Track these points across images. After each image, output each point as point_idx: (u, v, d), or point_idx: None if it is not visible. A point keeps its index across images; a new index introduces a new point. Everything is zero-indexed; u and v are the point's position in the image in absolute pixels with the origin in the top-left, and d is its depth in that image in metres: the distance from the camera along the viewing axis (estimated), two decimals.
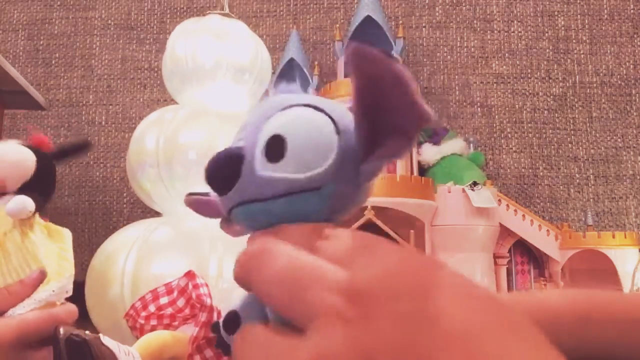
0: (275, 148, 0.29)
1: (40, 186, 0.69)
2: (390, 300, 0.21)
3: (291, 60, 1.83)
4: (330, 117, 0.31)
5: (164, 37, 2.01)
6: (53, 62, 2.07)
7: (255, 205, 0.30)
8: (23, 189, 0.68)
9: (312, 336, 0.21)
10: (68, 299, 0.62)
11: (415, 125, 0.28)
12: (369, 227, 1.37)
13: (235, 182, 0.30)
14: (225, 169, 0.30)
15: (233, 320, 0.34)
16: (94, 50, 2.07)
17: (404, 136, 0.29)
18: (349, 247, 0.25)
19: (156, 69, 2.02)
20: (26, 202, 0.61)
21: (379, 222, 1.36)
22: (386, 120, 0.28)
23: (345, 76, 1.71)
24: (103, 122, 2.03)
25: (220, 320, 0.35)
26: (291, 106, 0.31)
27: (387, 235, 1.39)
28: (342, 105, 0.33)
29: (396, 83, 0.27)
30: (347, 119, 0.31)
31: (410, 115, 0.28)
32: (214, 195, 0.35)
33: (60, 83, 2.05)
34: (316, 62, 1.88)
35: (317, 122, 0.30)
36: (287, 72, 1.85)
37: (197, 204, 0.38)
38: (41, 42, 2.08)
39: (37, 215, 0.65)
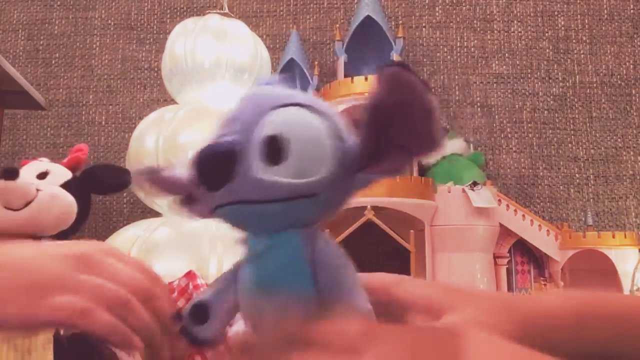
0: (275, 150, 0.28)
1: (74, 228, 0.71)
2: None
3: (291, 60, 1.83)
4: (329, 122, 0.30)
5: (164, 37, 2.00)
6: (53, 62, 2.06)
7: (248, 207, 0.29)
8: (59, 235, 0.69)
9: None
10: None
11: (426, 150, 0.30)
12: (369, 227, 1.37)
13: (227, 181, 0.28)
14: (219, 166, 0.28)
15: (202, 311, 0.33)
16: (94, 50, 2.07)
17: (409, 155, 0.30)
18: (358, 335, 0.25)
19: (156, 69, 2.02)
20: None
21: (379, 222, 1.36)
22: (396, 138, 0.29)
23: (346, 76, 1.71)
24: (103, 122, 2.03)
25: (185, 311, 0.34)
26: (285, 105, 0.30)
27: (387, 236, 1.39)
28: (333, 107, 0.33)
29: (425, 114, 0.28)
30: (343, 125, 0.31)
31: (425, 141, 0.29)
32: (176, 173, 0.34)
33: (60, 83, 2.05)
34: (316, 62, 1.88)
35: (317, 127, 0.30)
36: (287, 72, 1.85)
37: (158, 180, 0.35)
38: (41, 42, 2.08)
39: None
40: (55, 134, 2.03)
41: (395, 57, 1.71)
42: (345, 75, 1.72)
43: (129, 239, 1.20)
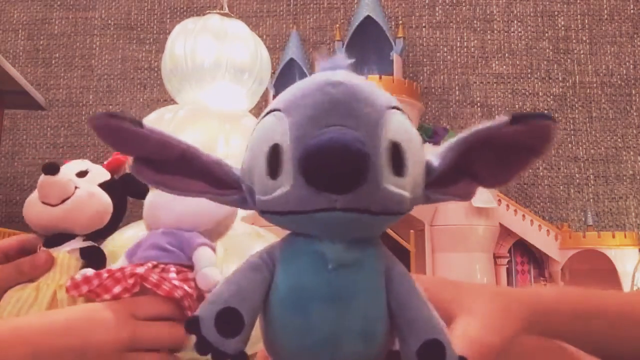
0: (399, 159, 0.27)
1: (108, 228, 0.71)
2: None
3: (291, 60, 1.83)
4: (420, 134, 0.30)
5: (164, 37, 2.00)
6: (53, 62, 2.07)
7: (366, 216, 0.26)
8: (91, 235, 0.69)
9: None
10: None
11: (497, 185, 0.30)
12: None
13: (355, 186, 0.25)
14: (354, 169, 0.25)
15: (232, 320, 0.28)
16: (94, 50, 2.07)
17: (479, 184, 0.29)
18: None
19: (156, 69, 2.02)
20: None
21: None
22: (478, 166, 0.28)
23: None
24: None
25: (205, 318, 0.29)
26: (392, 107, 0.28)
27: (387, 236, 1.39)
28: None
29: (536, 157, 0.28)
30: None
31: (505, 176, 0.28)
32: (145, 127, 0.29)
33: (60, 83, 2.05)
34: (316, 62, 1.87)
35: (419, 140, 0.29)
36: (287, 72, 1.85)
37: (118, 131, 0.29)
38: (41, 42, 2.08)
39: None
40: (55, 134, 2.03)
41: (395, 57, 1.71)
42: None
43: (129, 239, 1.20)
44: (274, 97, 1.78)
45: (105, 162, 0.76)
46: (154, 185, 0.31)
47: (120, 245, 1.25)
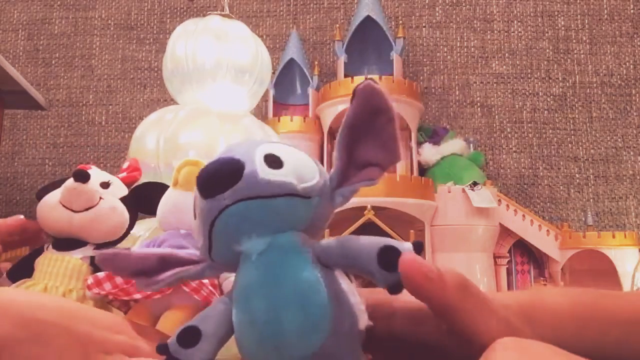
0: (274, 161, 0.33)
1: (118, 241, 0.72)
2: None
3: (291, 60, 1.83)
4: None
5: (164, 37, 2.01)
6: (53, 62, 2.07)
7: (255, 202, 0.32)
8: (101, 244, 0.70)
9: None
10: None
11: (390, 161, 0.34)
12: (369, 227, 1.37)
13: (235, 183, 0.32)
14: (228, 171, 0.32)
15: (191, 333, 0.34)
16: (94, 50, 2.07)
17: (378, 169, 0.34)
18: None
19: (156, 69, 2.02)
20: None
21: (379, 222, 1.36)
22: (364, 154, 0.34)
23: (346, 76, 1.71)
24: (103, 122, 2.03)
25: (171, 340, 0.34)
26: (272, 142, 0.35)
27: (386, 235, 1.39)
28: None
29: (391, 119, 0.32)
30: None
31: (389, 151, 0.33)
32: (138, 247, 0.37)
33: (61, 83, 2.05)
34: (316, 62, 1.88)
35: (299, 151, 0.35)
36: (287, 72, 1.85)
37: (113, 260, 0.38)
38: (41, 42, 2.08)
39: None
40: (55, 134, 2.03)
41: (395, 57, 1.71)
42: (345, 76, 1.72)
43: (129, 238, 1.20)
44: (274, 97, 1.79)
45: (121, 175, 0.76)
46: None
47: (119, 244, 1.25)
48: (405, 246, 0.31)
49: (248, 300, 0.32)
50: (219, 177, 0.32)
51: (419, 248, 0.31)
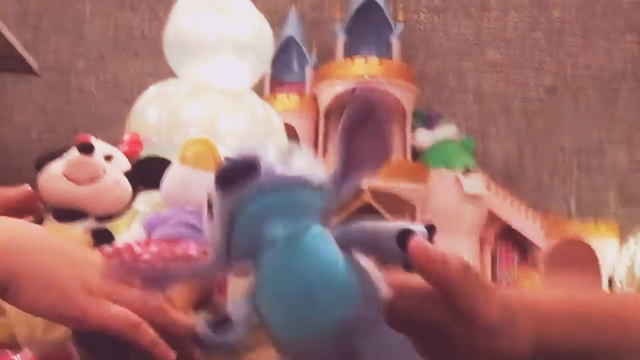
0: (287, 157, 0.35)
1: (119, 214, 0.71)
2: None
3: (289, 38, 1.82)
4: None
5: (158, 6, 1.97)
6: (42, 26, 2.01)
7: (275, 194, 0.34)
8: (103, 218, 0.69)
9: None
10: None
11: (385, 158, 0.38)
12: (365, 209, 1.40)
13: (253, 178, 0.34)
14: (246, 167, 0.34)
15: (221, 318, 0.35)
16: (85, 15, 2.02)
17: (374, 165, 0.38)
18: None
19: (149, 38, 1.98)
20: None
21: (375, 205, 1.38)
22: (362, 152, 0.37)
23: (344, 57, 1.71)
24: (93, 90, 1.99)
25: (200, 323, 0.36)
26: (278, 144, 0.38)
27: (382, 217, 1.41)
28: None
29: (385, 120, 0.36)
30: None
31: (384, 149, 0.37)
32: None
33: (50, 48, 2.00)
34: (314, 40, 1.87)
35: (304, 154, 0.37)
36: (285, 50, 1.84)
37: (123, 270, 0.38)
38: (30, 6, 2.02)
39: None
40: (44, 100, 1.98)
41: (394, 41, 1.71)
42: (344, 56, 1.72)
43: (129, 212, 1.20)
44: (271, 75, 1.76)
45: (124, 149, 0.76)
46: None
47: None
48: (420, 229, 0.35)
49: (277, 281, 0.35)
50: (239, 173, 0.34)
51: (431, 231, 0.35)
